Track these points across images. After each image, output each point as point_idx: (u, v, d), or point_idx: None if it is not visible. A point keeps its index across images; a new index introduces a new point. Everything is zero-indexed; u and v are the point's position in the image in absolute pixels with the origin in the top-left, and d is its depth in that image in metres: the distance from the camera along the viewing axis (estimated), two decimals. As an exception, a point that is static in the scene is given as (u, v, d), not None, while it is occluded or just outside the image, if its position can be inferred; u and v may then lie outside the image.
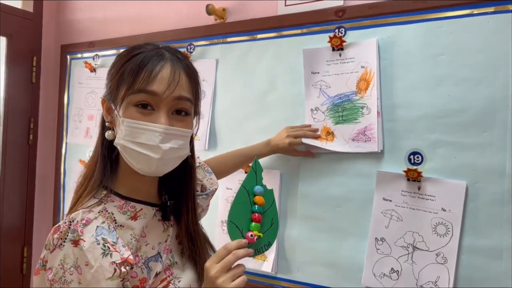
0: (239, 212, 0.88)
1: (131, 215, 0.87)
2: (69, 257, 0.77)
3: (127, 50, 0.89)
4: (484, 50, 1.26)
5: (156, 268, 0.86)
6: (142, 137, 0.82)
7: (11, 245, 2.19)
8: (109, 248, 0.78)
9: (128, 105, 0.82)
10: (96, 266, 0.76)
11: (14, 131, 2.17)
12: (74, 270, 0.76)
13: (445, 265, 1.28)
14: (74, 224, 0.79)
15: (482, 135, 1.26)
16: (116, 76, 0.86)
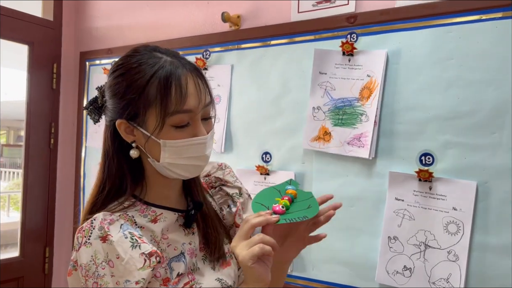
0: (265, 196, 0.88)
1: (152, 218, 0.90)
2: (100, 252, 0.80)
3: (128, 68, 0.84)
4: (492, 54, 1.30)
5: (179, 268, 0.88)
6: (188, 152, 0.85)
7: (34, 246, 2.27)
8: (137, 241, 0.81)
9: (168, 128, 0.83)
10: (127, 258, 0.79)
11: (36, 135, 2.25)
12: (106, 265, 0.79)
13: (457, 262, 1.32)
14: (100, 222, 0.82)
15: (491, 136, 1.30)
16: (138, 99, 0.83)
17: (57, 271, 2.37)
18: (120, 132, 0.88)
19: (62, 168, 2.36)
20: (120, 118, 0.86)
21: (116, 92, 0.85)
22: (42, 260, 2.31)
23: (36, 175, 2.26)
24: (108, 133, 0.92)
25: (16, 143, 14.23)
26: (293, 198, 0.88)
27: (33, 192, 2.25)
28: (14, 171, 10.08)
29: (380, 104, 1.45)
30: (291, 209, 0.85)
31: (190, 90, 0.82)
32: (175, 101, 0.81)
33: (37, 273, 2.28)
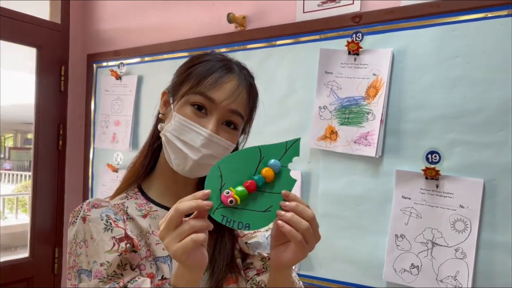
0: (234, 163, 0.72)
1: (144, 213, 0.90)
2: (80, 232, 0.84)
3: (200, 54, 0.93)
4: (498, 52, 1.31)
5: (163, 271, 0.85)
6: (187, 136, 0.84)
7: (43, 246, 2.29)
8: (111, 224, 0.83)
9: (185, 103, 0.85)
10: (98, 239, 0.81)
11: (45, 137, 2.28)
12: (83, 244, 0.83)
13: (464, 260, 1.33)
14: (86, 204, 0.86)
15: (497, 134, 1.30)
16: (183, 74, 0.89)
17: (66, 271, 2.39)
18: (160, 101, 0.93)
19: (70, 169, 2.38)
20: (167, 88, 0.92)
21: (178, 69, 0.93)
22: (52, 261, 2.33)
23: (45, 176, 2.28)
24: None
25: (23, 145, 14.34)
26: (260, 185, 0.70)
27: (42, 194, 2.27)
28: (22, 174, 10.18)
29: (386, 102, 1.45)
30: (246, 204, 0.70)
31: (226, 86, 0.84)
32: (206, 85, 0.84)
33: (46, 273, 2.31)
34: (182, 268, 0.73)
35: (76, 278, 0.83)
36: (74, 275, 0.83)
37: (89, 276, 0.81)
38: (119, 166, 2.18)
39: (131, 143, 2.12)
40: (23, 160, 12.57)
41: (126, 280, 0.81)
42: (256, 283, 0.94)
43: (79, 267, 0.83)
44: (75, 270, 0.83)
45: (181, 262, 0.70)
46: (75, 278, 0.83)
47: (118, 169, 2.18)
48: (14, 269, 2.17)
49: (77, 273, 0.83)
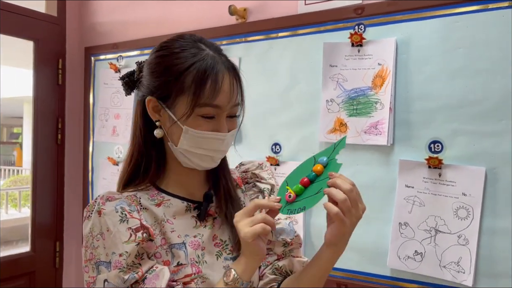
0: (297, 175, 0.86)
1: (157, 202, 0.93)
2: (96, 225, 0.86)
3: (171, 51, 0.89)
4: (499, 43, 1.34)
5: (179, 257, 0.89)
6: (208, 144, 0.89)
7: (44, 241, 2.29)
8: (126, 215, 0.85)
9: (195, 117, 0.86)
10: (114, 231, 0.84)
11: (43, 131, 2.27)
12: (100, 237, 0.85)
13: (467, 246, 1.36)
14: (100, 198, 0.88)
15: (499, 123, 1.34)
16: (172, 82, 0.87)
17: (68, 265, 2.40)
18: (147, 109, 0.91)
19: (69, 163, 2.38)
20: (151, 95, 0.90)
21: (154, 70, 0.90)
22: (53, 255, 2.33)
23: (44, 171, 2.28)
24: (139, 110, 0.94)
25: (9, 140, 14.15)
26: (313, 178, 0.84)
27: (42, 188, 2.27)
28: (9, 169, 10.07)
29: (394, 91, 1.48)
30: (303, 194, 0.83)
31: (224, 87, 0.86)
32: (208, 94, 0.85)
33: (48, 267, 2.31)
34: (243, 256, 0.83)
35: (94, 270, 0.85)
36: (92, 268, 0.85)
37: (108, 267, 0.83)
38: (120, 160, 2.18)
39: (132, 136, 2.12)
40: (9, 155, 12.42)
41: (144, 269, 0.83)
42: (278, 268, 0.98)
43: (97, 259, 0.85)
44: (93, 263, 0.85)
45: (248, 244, 0.80)
46: (93, 270, 0.85)
47: (119, 162, 2.18)
48: (15, 264, 2.18)
49: (95, 265, 0.85)
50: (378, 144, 1.50)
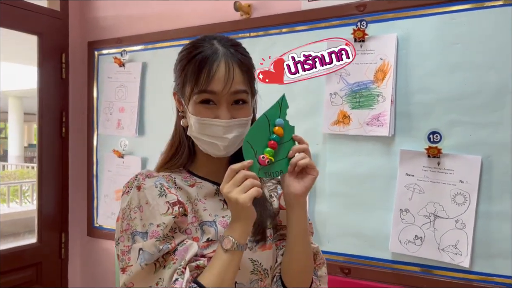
0: (256, 135, 0.92)
1: (191, 183, 1.01)
2: (134, 199, 0.93)
3: (187, 50, 0.98)
4: (494, 39, 1.42)
5: (209, 233, 0.95)
6: (209, 130, 0.95)
7: (50, 232, 2.34)
8: (164, 191, 0.93)
9: (194, 103, 0.95)
10: (153, 204, 0.91)
11: (48, 124, 2.30)
12: (137, 209, 0.92)
13: (464, 230, 1.46)
14: (139, 175, 0.96)
15: (494, 114, 1.43)
16: (181, 76, 0.97)
17: (73, 255, 2.45)
18: (174, 101, 1.02)
19: (74, 156, 2.42)
20: (175, 89, 1.01)
21: (174, 68, 1.00)
22: (58, 246, 2.38)
23: (49, 164, 2.32)
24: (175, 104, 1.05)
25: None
26: (278, 140, 0.93)
27: (47, 181, 2.31)
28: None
29: (395, 84, 1.56)
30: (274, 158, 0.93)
31: (218, 75, 0.92)
32: (203, 82, 0.92)
33: (54, 258, 2.36)
34: (237, 222, 0.90)
35: (129, 239, 0.91)
36: (127, 237, 0.92)
37: (143, 237, 0.89)
38: (125, 152, 2.23)
39: (137, 129, 2.18)
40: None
41: (176, 242, 0.90)
42: None
43: (133, 230, 0.91)
44: (129, 233, 0.92)
45: (244, 209, 0.87)
46: (128, 240, 0.91)
47: (124, 155, 2.23)
48: (23, 255, 2.22)
49: (130, 235, 0.91)
50: (380, 135, 1.58)
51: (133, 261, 0.88)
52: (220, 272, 0.88)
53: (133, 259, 0.89)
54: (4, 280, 2.13)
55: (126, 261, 0.90)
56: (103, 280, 2.39)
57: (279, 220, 1.08)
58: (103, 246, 2.38)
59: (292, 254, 1.00)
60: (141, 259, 0.87)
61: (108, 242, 2.34)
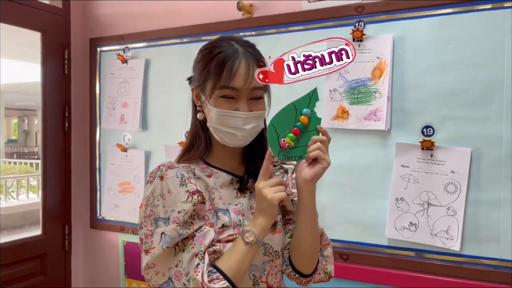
0: (281, 120, 1.03)
1: (208, 174, 1.10)
2: (157, 188, 1.02)
3: (208, 49, 1.08)
4: (483, 40, 1.54)
5: (223, 220, 1.05)
6: (229, 121, 1.04)
7: (54, 224, 2.39)
8: (185, 181, 1.02)
9: (216, 97, 1.04)
10: (175, 193, 1.00)
11: (51, 119, 2.35)
12: (160, 198, 1.01)
13: (455, 216, 1.58)
14: (162, 166, 1.06)
15: (483, 110, 1.54)
16: (203, 72, 1.06)
17: (76, 247, 2.51)
18: (192, 96, 1.12)
19: (76, 150, 2.48)
20: (194, 85, 1.11)
21: (194, 65, 1.12)
22: (62, 238, 2.44)
23: (53, 158, 2.37)
24: (192, 99, 1.14)
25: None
26: (302, 128, 1.03)
27: (51, 174, 2.36)
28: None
29: (391, 82, 1.66)
30: (295, 144, 1.03)
31: (239, 73, 1.02)
32: (225, 78, 1.02)
33: (58, 250, 2.42)
34: (261, 218, 1.00)
35: (152, 224, 1.00)
36: (151, 222, 1.01)
37: (165, 222, 0.99)
38: (128, 146, 2.30)
39: (140, 124, 2.25)
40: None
41: (195, 228, 1.00)
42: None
43: (156, 216, 1.00)
44: (152, 218, 1.01)
45: (272, 207, 0.99)
46: (151, 225, 1.00)
47: (127, 149, 2.30)
48: (28, 246, 2.27)
49: (154, 221, 1.00)
50: (377, 129, 1.69)
51: (156, 243, 0.98)
52: (238, 261, 0.98)
53: (155, 242, 0.98)
54: (9, 271, 2.19)
55: (149, 244, 0.99)
56: (106, 271, 2.47)
57: (284, 206, 1.18)
58: (106, 237, 2.45)
59: (301, 237, 1.10)
60: (163, 242, 0.97)
61: (111, 234, 2.41)
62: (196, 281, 0.93)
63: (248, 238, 0.98)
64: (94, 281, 2.53)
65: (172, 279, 0.97)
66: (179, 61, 2.15)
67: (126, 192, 2.31)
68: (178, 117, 2.13)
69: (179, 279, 0.96)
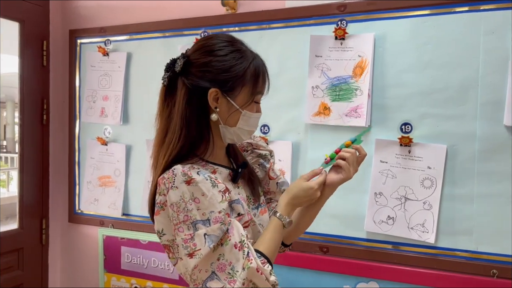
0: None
1: (211, 171, 1.14)
2: (186, 193, 1.02)
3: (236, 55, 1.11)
4: (460, 41, 1.60)
5: (238, 210, 1.12)
6: (253, 122, 1.17)
7: (31, 219, 2.36)
8: (214, 182, 1.05)
9: (252, 102, 1.14)
10: (210, 195, 1.02)
11: (29, 112, 2.31)
12: (192, 202, 1.02)
13: (431, 210, 1.64)
14: (182, 170, 1.03)
15: (458, 108, 1.61)
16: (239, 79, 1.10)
17: (53, 241, 2.48)
18: (208, 98, 1.10)
19: (55, 143, 2.44)
20: (214, 87, 1.09)
21: (219, 68, 1.09)
22: (39, 232, 2.40)
23: (30, 150, 2.33)
24: (185, 99, 1.10)
25: None
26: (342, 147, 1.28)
27: (29, 167, 2.32)
28: None
29: (372, 79, 1.71)
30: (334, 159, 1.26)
31: (268, 82, 1.17)
32: (260, 85, 1.14)
33: (35, 244, 2.38)
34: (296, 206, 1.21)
35: (190, 228, 1.02)
36: (187, 227, 1.02)
37: (205, 224, 1.01)
38: (109, 140, 2.29)
39: (121, 117, 2.23)
40: None
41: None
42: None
43: (193, 220, 1.02)
44: (189, 223, 1.02)
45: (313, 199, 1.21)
46: (189, 229, 1.02)
47: (108, 142, 2.28)
48: (5, 240, 2.23)
49: (191, 225, 1.02)
50: (358, 126, 1.74)
51: (201, 245, 1.01)
52: (276, 244, 1.13)
53: (199, 244, 1.01)
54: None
55: (192, 247, 1.01)
56: (84, 265, 2.45)
57: (267, 188, 1.33)
58: (84, 231, 2.43)
59: (303, 224, 1.31)
60: (209, 242, 1.00)
61: (90, 228, 2.39)
62: (251, 268, 1.01)
63: (289, 225, 1.15)
64: (72, 275, 2.50)
65: (215, 272, 1.02)
66: (161, 55, 2.15)
67: (106, 186, 2.29)
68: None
69: (223, 270, 1.01)
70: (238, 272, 1.01)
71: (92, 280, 2.41)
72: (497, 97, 1.55)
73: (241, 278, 1.00)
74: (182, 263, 1.05)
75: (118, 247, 2.25)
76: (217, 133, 1.15)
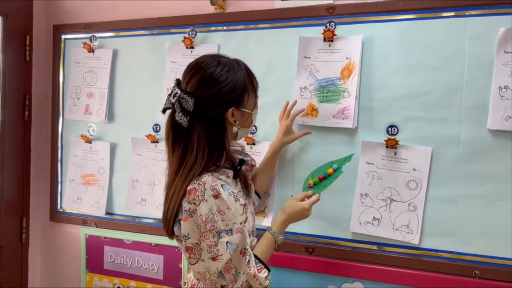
0: (319, 170, 1.59)
1: (225, 175, 1.33)
2: (213, 206, 1.22)
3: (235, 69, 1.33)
4: (446, 45, 1.63)
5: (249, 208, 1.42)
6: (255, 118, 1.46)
7: (11, 217, 2.31)
8: (236, 197, 1.28)
9: (255, 101, 1.42)
10: (234, 208, 1.25)
11: (11, 107, 2.27)
12: (218, 214, 1.23)
13: (415, 212, 1.66)
14: (211, 184, 1.23)
15: (443, 111, 1.63)
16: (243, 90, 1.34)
17: (34, 240, 2.43)
18: (228, 117, 1.31)
19: (36, 140, 2.40)
20: (230, 106, 1.30)
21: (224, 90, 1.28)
22: (19, 231, 2.35)
23: (11, 147, 2.28)
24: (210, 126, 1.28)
25: None
26: (326, 176, 1.56)
27: (9, 164, 2.27)
28: None
29: (359, 81, 1.72)
30: (318, 185, 1.55)
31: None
32: (256, 82, 1.41)
33: (14, 242, 2.33)
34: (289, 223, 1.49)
35: (214, 236, 1.23)
36: (213, 235, 1.23)
37: (228, 233, 1.24)
38: (93, 137, 2.25)
39: (107, 115, 2.20)
40: None
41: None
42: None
43: (218, 229, 1.23)
44: (214, 232, 1.23)
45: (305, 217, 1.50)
46: (214, 236, 1.23)
47: (92, 140, 2.25)
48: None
49: (216, 233, 1.23)
50: (345, 127, 1.75)
51: (223, 251, 1.23)
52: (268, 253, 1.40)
53: (221, 250, 1.23)
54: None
55: (215, 252, 1.23)
56: (65, 265, 2.40)
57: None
58: (66, 230, 2.38)
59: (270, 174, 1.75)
60: (230, 249, 1.24)
61: (72, 227, 2.35)
62: (249, 274, 1.27)
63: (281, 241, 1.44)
64: (52, 275, 2.46)
65: (222, 272, 1.26)
66: (148, 52, 2.13)
67: (89, 184, 2.26)
68: (145, 109, 2.11)
69: (229, 271, 1.26)
70: (240, 274, 1.27)
71: (73, 280, 2.37)
72: (481, 101, 1.58)
73: (241, 280, 1.27)
74: (203, 264, 1.24)
75: (101, 246, 2.22)
76: (230, 138, 1.35)
